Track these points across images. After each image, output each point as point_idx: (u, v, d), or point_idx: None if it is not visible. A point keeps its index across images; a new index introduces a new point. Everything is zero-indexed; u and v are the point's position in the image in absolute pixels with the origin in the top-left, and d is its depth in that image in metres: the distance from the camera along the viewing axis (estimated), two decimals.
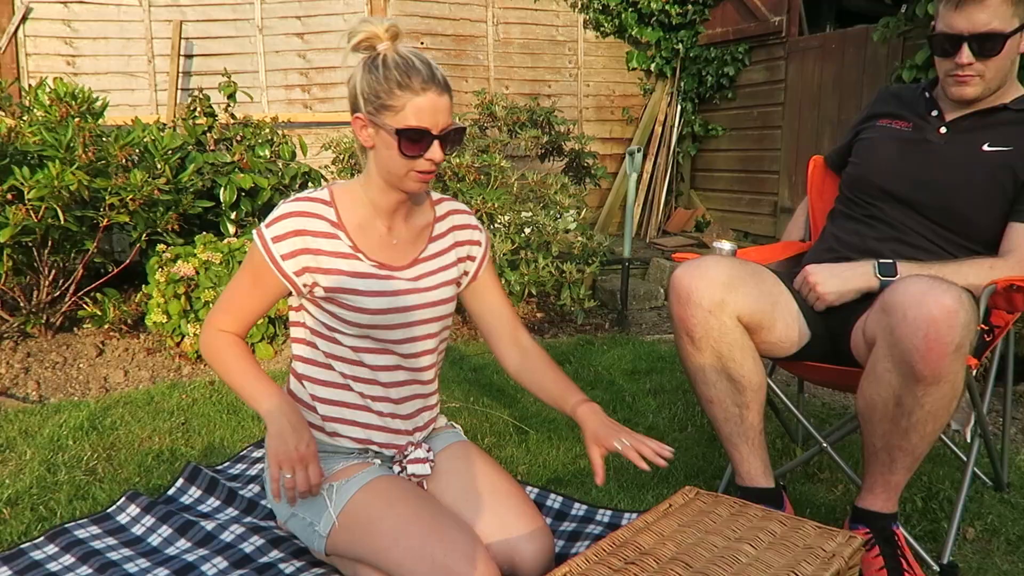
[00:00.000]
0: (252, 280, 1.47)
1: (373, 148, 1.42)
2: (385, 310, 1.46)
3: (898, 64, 4.66)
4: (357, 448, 1.55)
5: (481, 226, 1.64)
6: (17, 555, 1.66)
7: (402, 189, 1.44)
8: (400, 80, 1.34)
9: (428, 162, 1.39)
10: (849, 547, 1.26)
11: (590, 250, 4.00)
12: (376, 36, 1.38)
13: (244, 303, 1.49)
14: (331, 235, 1.45)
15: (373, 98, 1.37)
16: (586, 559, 1.23)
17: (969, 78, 1.65)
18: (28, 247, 3.16)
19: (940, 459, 2.19)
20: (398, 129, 1.35)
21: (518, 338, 1.66)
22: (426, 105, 1.35)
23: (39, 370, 3.09)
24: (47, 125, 3.14)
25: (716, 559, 1.22)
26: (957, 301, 1.34)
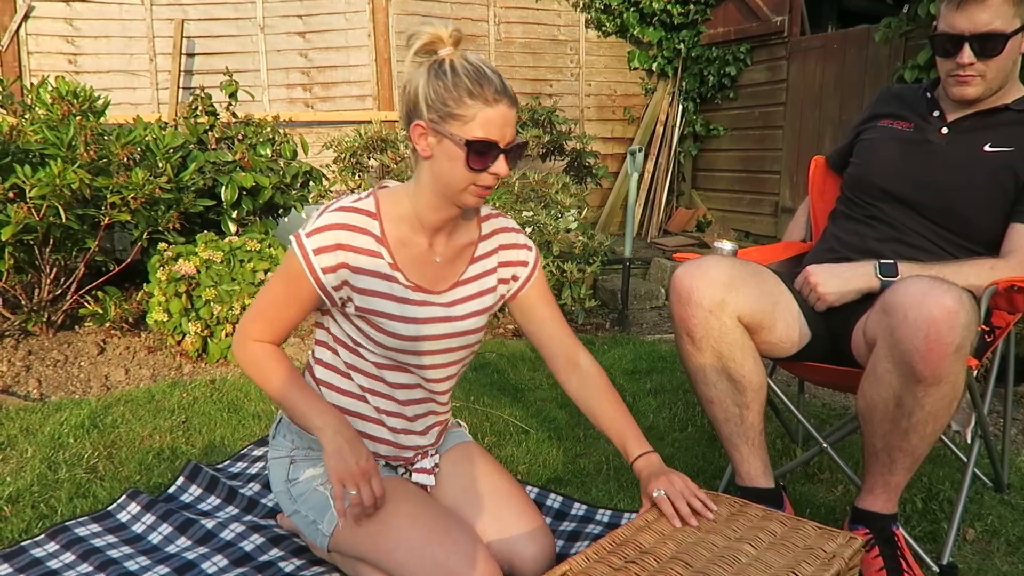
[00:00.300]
0: (287, 289, 1.40)
1: (430, 158, 1.34)
2: (415, 337, 1.42)
3: (900, 64, 4.66)
4: None
5: (531, 244, 1.57)
6: (18, 552, 1.66)
7: (458, 204, 1.37)
8: (471, 89, 1.27)
9: (491, 176, 1.32)
10: (849, 548, 1.26)
11: (591, 250, 4.00)
12: (439, 40, 1.31)
13: (279, 312, 1.43)
14: (373, 252, 1.38)
15: (440, 106, 1.28)
16: (586, 557, 1.23)
17: (970, 78, 1.65)
18: (30, 245, 3.16)
19: (940, 460, 2.18)
20: (468, 140, 1.28)
21: (576, 361, 1.56)
22: (497, 117, 1.29)
23: (40, 368, 3.09)
24: (49, 123, 3.14)
25: (716, 559, 1.22)
26: (958, 302, 1.34)
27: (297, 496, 1.50)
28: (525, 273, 1.54)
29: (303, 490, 1.50)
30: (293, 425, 1.53)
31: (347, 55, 5.94)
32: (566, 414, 2.61)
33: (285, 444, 1.55)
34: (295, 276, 1.38)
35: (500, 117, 1.29)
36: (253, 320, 1.44)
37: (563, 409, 2.65)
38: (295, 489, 1.51)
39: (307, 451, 1.53)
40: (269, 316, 1.43)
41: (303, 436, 1.53)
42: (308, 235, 1.36)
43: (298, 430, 1.54)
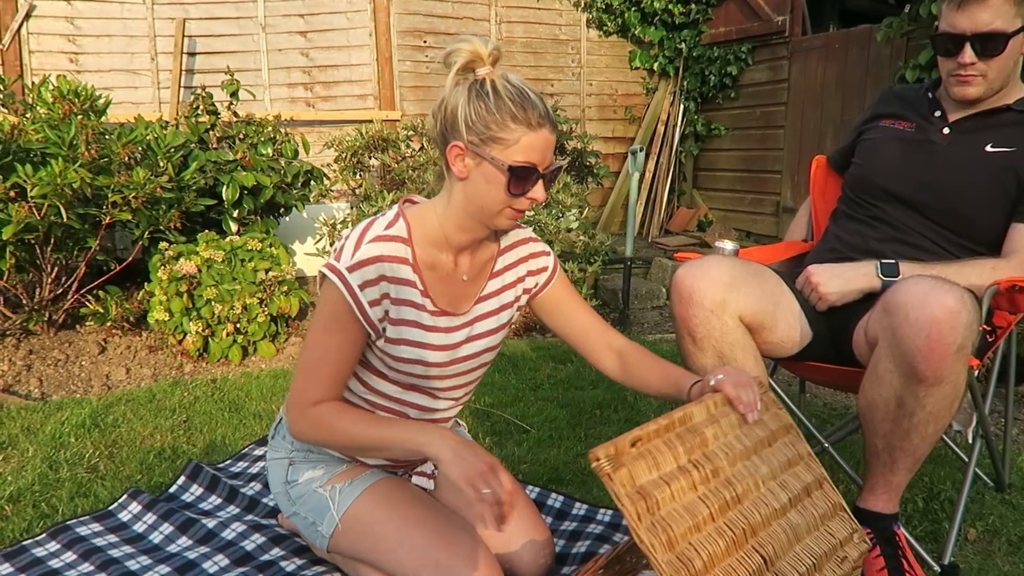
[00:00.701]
0: (338, 334, 1.32)
1: (466, 179, 1.31)
2: (442, 363, 1.42)
3: (901, 64, 4.66)
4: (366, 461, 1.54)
5: (548, 249, 1.55)
6: (19, 552, 1.66)
7: (490, 225, 1.35)
8: (515, 112, 1.25)
9: (528, 200, 1.31)
10: (857, 550, 1.26)
11: (592, 249, 4.00)
12: (479, 58, 1.27)
13: (336, 364, 1.33)
14: (409, 282, 1.35)
15: (481, 128, 1.25)
16: (658, 431, 1.17)
17: (972, 78, 1.65)
18: (31, 244, 3.17)
19: (941, 460, 2.18)
20: (512, 166, 1.26)
21: (610, 343, 1.54)
22: (539, 142, 1.27)
23: (41, 367, 3.10)
24: (50, 123, 3.15)
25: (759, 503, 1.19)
26: (959, 302, 1.34)
27: (296, 498, 1.50)
28: (545, 277, 1.54)
29: (302, 492, 1.49)
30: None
31: (348, 54, 5.94)
32: (567, 413, 2.61)
33: (284, 445, 1.55)
34: (342, 316, 1.31)
35: (543, 142, 1.27)
36: (307, 386, 1.33)
37: (564, 409, 2.65)
38: (294, 491, 1.51)
39: (306, 453, 1.52)
40: (326, 373, 1.33)
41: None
42: (351, 269, 1.30)
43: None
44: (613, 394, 2.80)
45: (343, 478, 1.47)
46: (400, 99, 6.04)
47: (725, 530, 1.12)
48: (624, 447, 1.11)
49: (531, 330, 3.83)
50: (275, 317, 3.32)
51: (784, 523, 1.20)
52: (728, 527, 1.13)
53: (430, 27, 6.06)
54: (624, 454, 1.11)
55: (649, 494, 1.09)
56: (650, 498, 1.08)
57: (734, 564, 1.09)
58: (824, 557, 1.20)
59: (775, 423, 1.35)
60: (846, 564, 1.22)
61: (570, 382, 2.96)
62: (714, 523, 1.12)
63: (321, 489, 1.47)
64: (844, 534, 1.28)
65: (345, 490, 1.45)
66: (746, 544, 1.12)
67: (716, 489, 1.17)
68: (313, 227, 4.33)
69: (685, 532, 1.08)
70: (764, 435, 1.31)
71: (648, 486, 1.10)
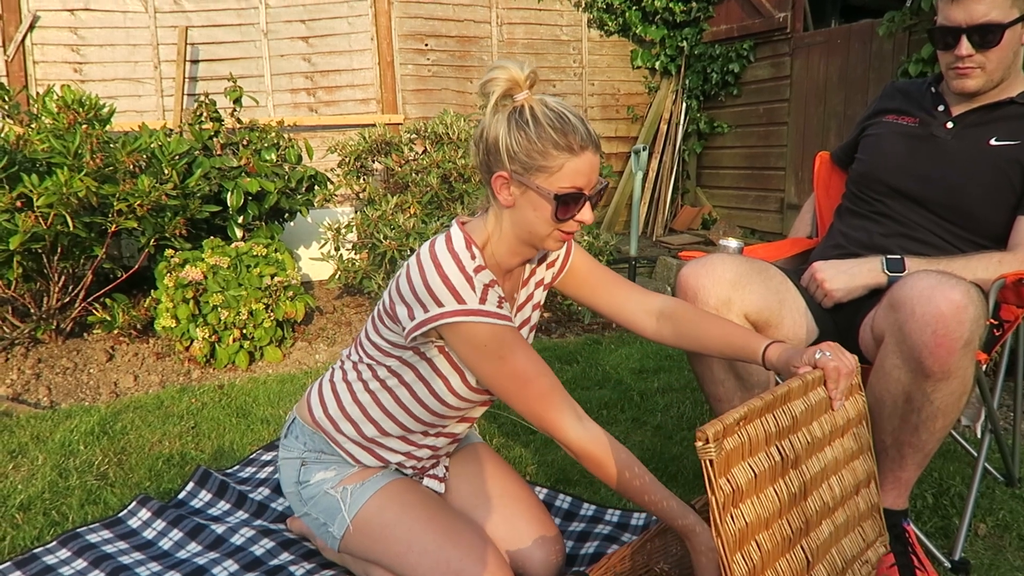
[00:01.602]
0: (525, 354, 1.29)
1: (512, 207, 1.30)
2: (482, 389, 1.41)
3: (904, 58, 4.65)
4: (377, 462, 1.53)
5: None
6: (30, 560, 1.67)
7: (540, 247, 1.35)
8: (557, 140, 1.23)
9: (576, 223, 1.30)
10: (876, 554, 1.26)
11: (597, 249, 4.00)
12: (517, 84, 1.24)
13: (547, 372, 1.31)
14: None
15: (524, 158, 1.24)
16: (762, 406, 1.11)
17: (970, 70, 1.65)
18: (38, 254, 3.18)
19: (950, 455, 2.17)
20: (557, 194, 1.25)
21: (647, 307, 1.51)
22: (584, 166, 1.26)
23: (50, 376, 3.11)
24: (55, 132, 3.16)
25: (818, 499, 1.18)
26: (966, 296, 1.34)
27: (308, 499, 1.51)
28: (559, 264, 1.53)
29: (313, 493, 1.50)
30: (307, 427, 1.53)
31: (350, 59, 5.95)
32: None
33: (297, 445, 1.54)
34: (511, 340, 1.28)
35: (587, 166, 1.26)
36: (553, 399, 1.28)
37: None
38: (306, 492, 1.51)
39: (318, 454, 1.52)
40: (556, 391, 1.29)
41: (316, 439, 1.52)
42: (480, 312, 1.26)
43: (310, 432, 1.52)
44: (620, 393, 2.79)
45: (355, 480, 1.47)
46: (402, 102, 6.05)
47: (785, 527, 1.10)
48: (730, 423, 1.05)
49: (536, 331, 3.83)
50: (281, 322, 3.33)
51: (830, 521, 1.19)
52: (788, 525, 1.10)
53: (431, 30, 6.07)
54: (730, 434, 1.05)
55: (737, 486, 1.03)
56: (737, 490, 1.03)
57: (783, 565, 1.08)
58: (852, 560, 1.20)
59: (853, 409, 1.32)
60: (866, 567, 1.22)
61: (576, 382, 2.96)
62: (779, 521, 1.09)
63: (332, 491, 1.47)
64: (872, 536, 1.28)
65: (356, 492, 1.45)
66: (797, 545, 1.11)
67: (790, 481, 1.12)
68: (318, 232, 4.34)
69: (755, 528, 1.05)
70: (842, 423, 1.28)
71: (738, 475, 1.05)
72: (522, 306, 1.48)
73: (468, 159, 3.92)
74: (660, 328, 1.50)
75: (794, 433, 1.16)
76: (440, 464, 1.58)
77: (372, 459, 1.50)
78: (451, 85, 6.17)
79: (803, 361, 1.28)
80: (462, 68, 6.18)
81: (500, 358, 1.27)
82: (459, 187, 3.90)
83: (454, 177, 3.94)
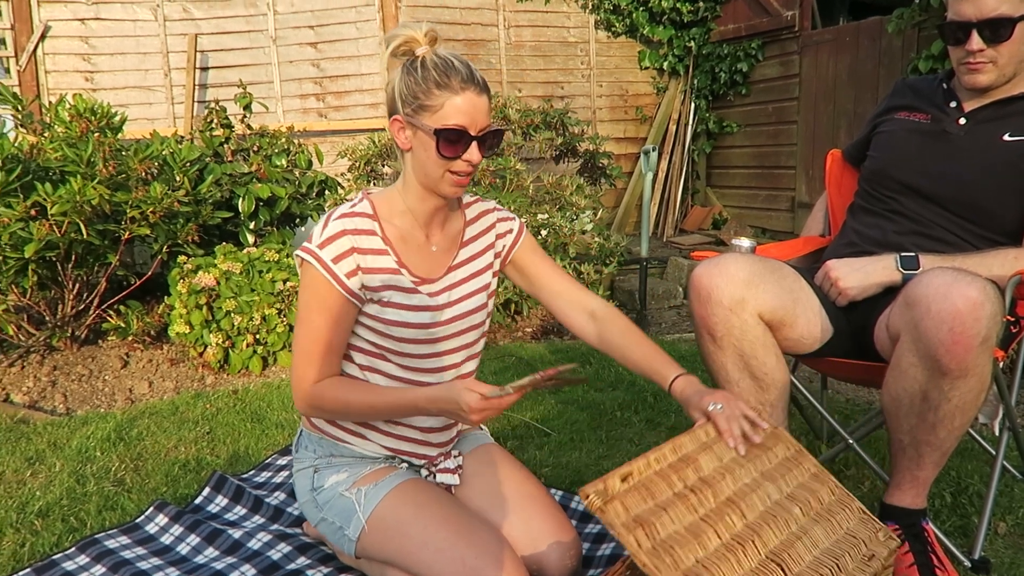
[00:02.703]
0: (321, 313, 1.40)
1: (410, 151, 1.41)
2: (426, 324, 1.45)
3: (914, 55, 4.62)
4: (385, 455, 1.56)
5: (515, 216, 1.64)
6: (49, 566, 1.68)
7: (438, 193, 1.42)
8: (439, 80, 1.33)
9: (465, 163, 1.37)
10: (886, 548, 1.25)
11: (607, 251, 4.00)
12: (415, 40, 1.37)
13: (326, 342, 1.41)
14: (381, 251, 1.42)
15: (411, 99, 1.35)
16: (648, 464, 1.20)
17: (981, 65, 1.64)
18: (52, 262, 3.21)
19: (968, 453, 2.16)
20: (436, 129, 1.34)
21: (591, 308, 1.59)
22: (464, 105, 1.34)
23: (66, 383, 3.13)
24: (68, 141, 3.19)
25: (768, 517, 1.20)
26: (982, 293, 1.33)
27: (323, 504, 1.51)
28: (511, 239, 1.61)
29: (328, 496, 1.50)
30: (313, 435, 1.56)
31: (359, 64, 5.98)
32: (587, 416, 2.60)
33: (308, 455, 1.57)
34: (323, 295, 1.39)
35: (468, 104, 1.34)
36: (304, 367, 1.41)
37: (584, 411, 2.65)
38: (320, 497, 1.52)
39: (329, 459, 1.54)
40: (317, 351, 1.40)
41: (324, 444, 1.54)
42: (321, 247, 1.38)
43: (317, 439, 1.55)
44: (634, 395, 2.79)
45: (368, 480, 1.48)
46: None
47: (736, 546, 1.12)
48: (614, 483, 1.13)
49: (548, 333, 3.83)
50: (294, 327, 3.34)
51: (799, 533, 1.20)
52: (738, 543, 1.13)
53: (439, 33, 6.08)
54: (614, 489, 1.13)
55: (646, 521, 1.09)
56: (648, 525, 1.09)
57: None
58: (847, 559, 1.19)
59: (776, 443, 1.38)
60: (874, 562, 1.21)
61: (590, 384, 2.96)
62: (720, 540, 1.12)
63: (347, 492, 1.48)
64: (866, 534, 1.27)
65: (371, 492, 1.46)
66: (761, 556, 1.12)
67: (720, 510, 1.17)
68: None
69: (691, 552, 1.08)
70: (767, 456, 1.34)
71: (644, 514, 1.11)
72: (459, 264, 1.53)
73: None
74: (587, 327, 1.59)
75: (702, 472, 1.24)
76: (451, 458, 1.59)
77: (378, 447, 1.52)
78: None
79: (698, 408, 1.38)
80: None
81: (307, 308, 1.40)
82: (468, 190, 3.91)
83: None
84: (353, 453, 1.54)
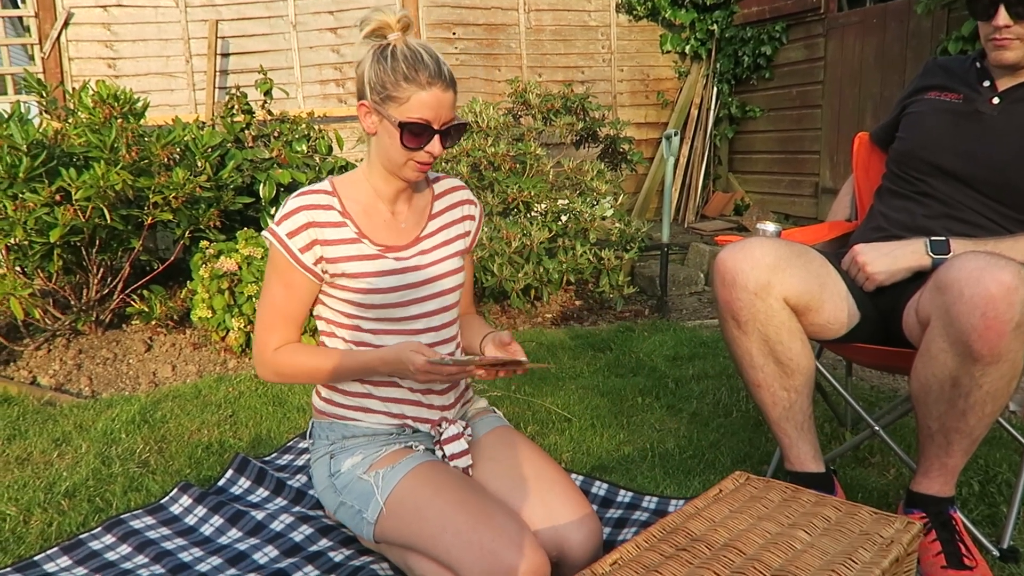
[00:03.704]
0: (280, 285, 1.49)
1: (375, 135, 1.46)
2: (395, 288, 1.50)
3: (943, 36, 4.52)
4: (393, 424, 1.56)
5: (477, 201, 1.69)
6: (76, 545, 1.70)
7: (400, 176, 1.47)
8: (407, 73, 1.37)
9: (427, 155, 1.43)
10: (908, 533, 1.23)
11: (628, 236, 3.97)
12: (388, 25, 1.41)
13: (283, 312, 1.51)
14: (339, 224, 1.48)
15: (379, 88, 1.40)
16: (636, 545, 1.22)
17: (1008, 42, 1.61)
18: (77, 247, 3.24)
19: (996, 442, 2.12)
20: (401, 122, 1.39)
21: (468, 308, 1.74)
22: (430, 100, 1.38)
23: (91, 366, 3.17)
24: (91, 127, 3.21)
25: (770, 545, 1.20)
26: (1016, 277, 1.30)
27: (341, 488, 1.52)
28: (474, 227, 1.67)
29: (346, 480, 1.51)
30: (323, 422, 1.59)
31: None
32: (608, 402, 2.59)
33: (322, 443, 1.59)
34: (281, 268, 1.48)
35: (433, 100, 1.38)
36: (265, 335, 1.51)
37: (605, 397, 2.64)
38: (339, 481, 1.52)
39: (342, 442, 1.56)
40: (276, 320, 1.51)
41: (335, 428, 1.56)
42: (278, 223, 1.46)
43: (326, 424, 1.58)
44: (654, 381, 2.77)
45: (385, 463, 1.49)
46: None
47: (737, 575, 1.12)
48: (603, 568, 1.16)
49: (568, 319, 3.82)
50: None
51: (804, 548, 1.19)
52: (739, 572, 1.13)
53: (459, 19, 6.05)
54: (603, 571, 1.15)
55: None
56: None
57: None
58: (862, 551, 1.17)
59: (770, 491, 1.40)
60: (895, 547, 1.19)
61: (610, 370, 2.94)
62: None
63: (364, 476, 1.49)
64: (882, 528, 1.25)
65: (388, 474, 1.46)
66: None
67: (716, 555, 1.18)
68: None
69: None
70: (761, 503, 1.34)
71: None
72: (433, 233, 1.57)
73: (498, 147, 3.91)
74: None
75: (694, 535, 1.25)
76: (454, 424, 1.59)
77: (383, 417, 1.55)
78: (479, 74, 6.15)
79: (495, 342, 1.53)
80: (490, 56, 6.16)
81: (268, 282, 1.50)
82: (489, 175, 3.89)
83: (484, 165, 3.93)
84: (363, 431, 1.56)
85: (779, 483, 1.42)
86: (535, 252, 3.54)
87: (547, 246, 3.63)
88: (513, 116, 4.76)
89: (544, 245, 3.58)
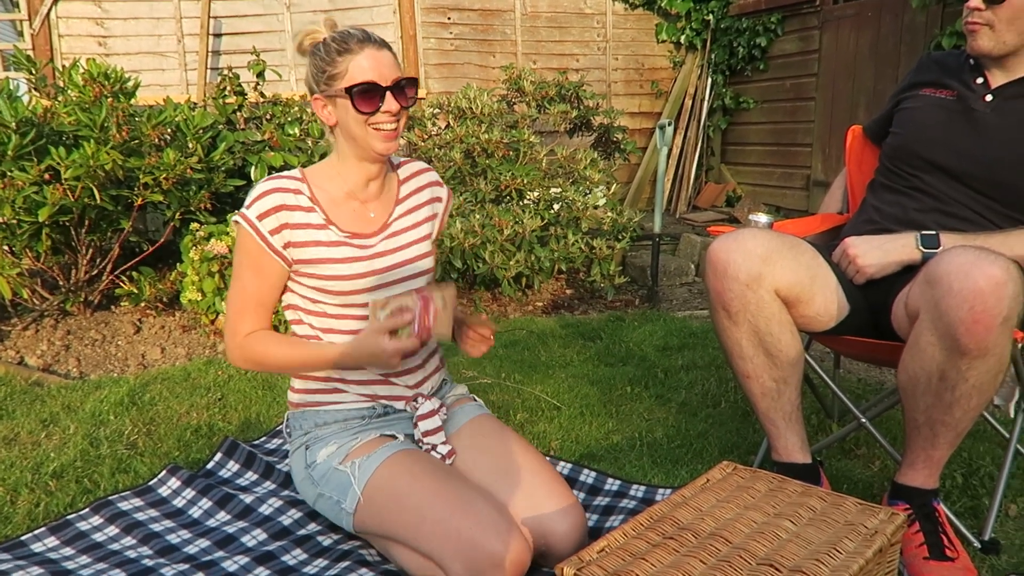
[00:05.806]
0: (250, 269, 1.50)
1: (336, 124, 1.49)
2: (362, 274, 1.51)
3: (937, 31, 4.53)
4: (365, 405, 1.57)
5: (443, 182, 1.72)
6: (64, 526, 1.70)
7: (372, 151, 1.48)
8: (338, 48, 1.43)
9: (386, 115, 1.44)
10: (891, 524, 1.24)
11: (620, 226, 3.97)
12: (316, 32, 1.48)
13: (253, 297, 1.52)
14: (308, 208, 1.50)
15: (320, 74, 1.45)
16: (624, 533, 1.23)
17: (977, 27, 1.63)
18: (66, 226, 3.21)
19: (980, 435, 2.15)
20: (347, 88, 1.42)
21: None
22: (367, 61, 1.43)
23: (79, 347, 3.15)
24: (81, 105, 3.18)
25: (755, 534, 1.21)
26: (1005, 272, 1.31)
27: (319, 478, 1.52)
28: (441, 208, 1.70)
29: (323, 471, 1.52)
30: (296, 412, 1.60)
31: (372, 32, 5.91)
32: (597, 390, 2.60)
33: (297, 435, 1.60)
34: (251, 252, 1.49)
35: (370, 60, 1.43)
36: (236, 320, 1.52)
37: (595, 386, 2.65)
38: (316, 472, 1.53)
39: (316, 431, 1.57)
40: (246, 306, 1.52)
41: (307, 417, 1.58)
42: (248, 206, 1.47)
43: (300, 415, 1.59)
44: (644, 370, 2.78)
45: (361, 452, 1.50)
46: (425, 76, 6.01)
47: (723, 563, 1.13)
48: (590, 554, 1.17)
49: (559, 308, 3.82)
50: None
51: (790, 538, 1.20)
52: (725, 561, 1.14)
53: (454, 3, 6.01)
54: (590, 557, 1.16)
55: (626, 571, 1.12)
56: (627, 573, 1.11)
57: None
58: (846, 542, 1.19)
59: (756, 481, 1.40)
60: (878, 538, 1.20)
61: (600, 359, 2.95)
62: (706, 564, 1.14)
63: (341, 466, 1.50)
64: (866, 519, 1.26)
65: (364, 464, 1.47)
66: (751, 566, 1.13)
67: (702, 543, 1.19)
68: None
69: None
70: (748, 493, 1.36)
71: (622, 568, 1.13)
72: (401, 216, 1.61)
73: (491, 134, 3.89)
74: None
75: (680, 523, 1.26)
76: (430, 400, 1.60)
77: (356, 396, 1.57)
78: (474, 59, 6.12)
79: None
80: (485, 42, 6.13)
81: (238, 266, 1.51)
82: (482, 162, 3.88)
83: (477, 152, 3.92)
84: (336, 417, 1.56)
85: (766, 473, 1.43)
86: (527, 240, 3.54)
87: (539, 234, 3.62)
88: (507, 103, 4.74)
89: (536, 233, 3.58)
